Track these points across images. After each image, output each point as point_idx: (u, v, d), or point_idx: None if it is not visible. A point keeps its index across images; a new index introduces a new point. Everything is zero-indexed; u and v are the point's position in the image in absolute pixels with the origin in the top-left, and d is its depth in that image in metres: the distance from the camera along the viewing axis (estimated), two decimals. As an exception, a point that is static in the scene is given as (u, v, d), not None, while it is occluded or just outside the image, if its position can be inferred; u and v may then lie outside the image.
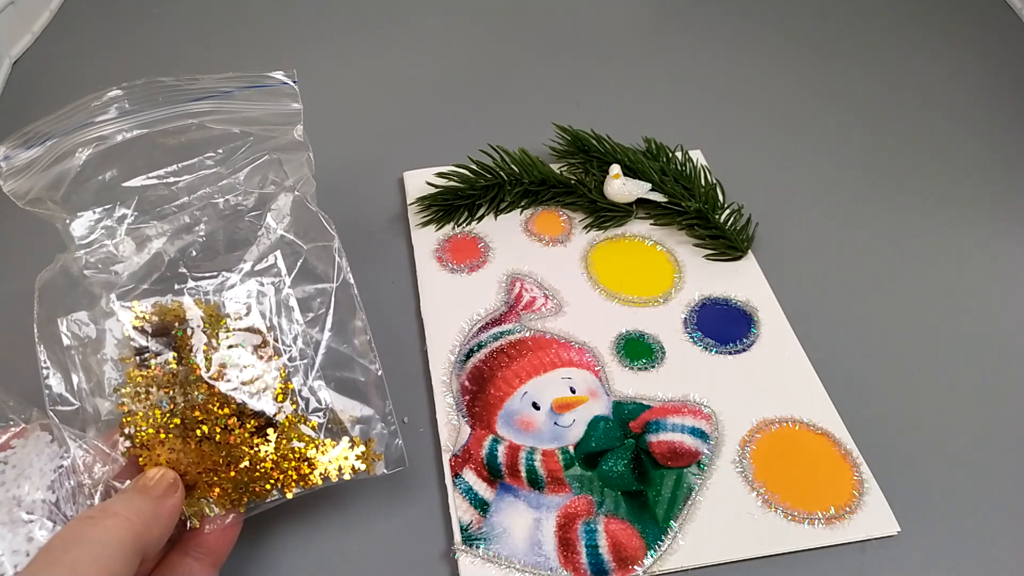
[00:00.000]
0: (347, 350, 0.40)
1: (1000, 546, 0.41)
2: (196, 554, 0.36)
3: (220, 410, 0.37)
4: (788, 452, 0.44)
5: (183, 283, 0.39)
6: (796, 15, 0.80)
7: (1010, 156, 0.64)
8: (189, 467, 0.36)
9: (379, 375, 0.40)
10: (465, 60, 0.73)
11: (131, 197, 0.40)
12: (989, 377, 0.49)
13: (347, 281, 0.41)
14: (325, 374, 0.39)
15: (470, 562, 0.40)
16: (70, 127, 0.39)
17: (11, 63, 0.71)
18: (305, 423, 0.38)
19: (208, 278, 0.39)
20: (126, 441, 0.36)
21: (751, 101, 0.69)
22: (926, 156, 0.64)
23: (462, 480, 0.43)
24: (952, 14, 0.80)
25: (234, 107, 0.41)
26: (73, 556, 0.29)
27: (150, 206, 0.40)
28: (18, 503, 0.35)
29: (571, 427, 0.45)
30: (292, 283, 0.41)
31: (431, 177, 0.58)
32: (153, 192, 0.40)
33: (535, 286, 0.52)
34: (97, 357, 0.38)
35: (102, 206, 0.40)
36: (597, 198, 0.56)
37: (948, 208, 0.59)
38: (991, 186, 0.61)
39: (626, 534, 0.41)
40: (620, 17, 0.80)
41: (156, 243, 0.40)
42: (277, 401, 0.38)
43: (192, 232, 0.40)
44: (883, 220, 0.58)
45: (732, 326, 0.50)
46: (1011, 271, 0.55)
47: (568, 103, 0.69)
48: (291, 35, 0.76)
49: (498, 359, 0.48)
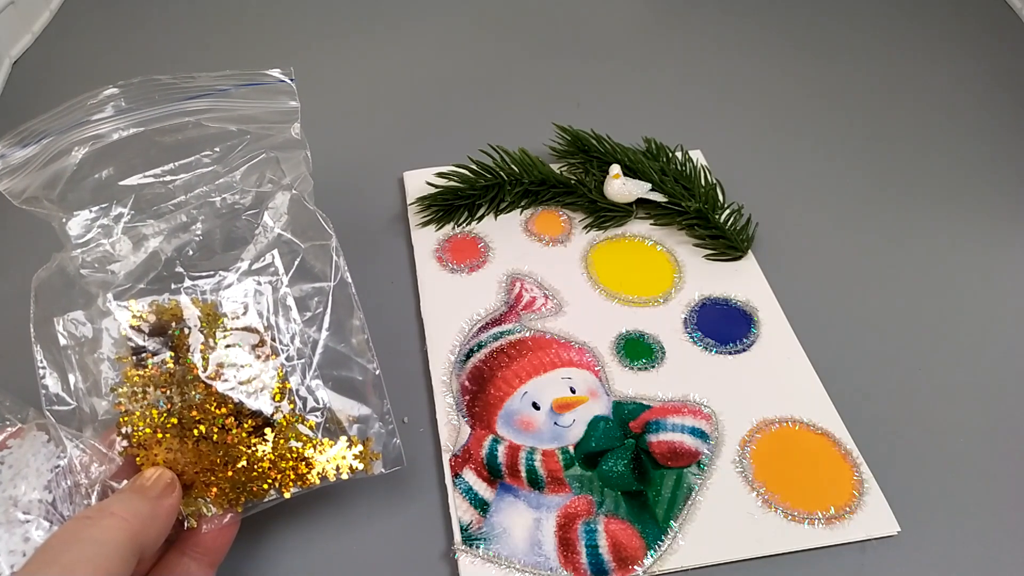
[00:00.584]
0: (345, 349, 0.40)
1: (1000, 546, 0.41)
2: (193, 554, 0.36)
3: (217, 410, 0.36)
4: (788, 452, 0.44)
5: (180, 282, 0.39)
6: (796, 15, 0.80)
7: (1010, 156, 0.64)
8: (186, 467, 0.36)
9: (377, 374, 0.40)
10: (465, 60, 0.73)
11: (127, 196, 0.40)
12: (989, 377, 0.49)
13: (345, 280, 0.41)
14: (323, 373, 0.39)
15: (470, 562, 0.40)
16: (66, 125, 0.38)
17: (11, 63, 0.71)
18: (303, 423, 0.38)
19: (205, 277, 0.39)
20: (123, 441, 0.36)
21: (751, 101, 0.69)
22: (926, 156, 0.64)
23: (462, 480, 0.43)
24: (952, 14, 0.80)
25: (231, 105, 0.41)
26: (70, 556, 0.29)
27: (147, 205, 0.40)
28: (15, 503, 0.35)
29: (571, 427, 0.45)
30: (290, 282, 0.40)
31: (431, 177, 0.57)
32: (150, 191, 0.40)
33: (535, 286, 0.52)
34: (94, 357, 0.37)
35: (98, 205, 0.40)
36: (597, 198, 0.56)
37: (948, 208, 0.59)
38: (991, 186, 0.61)
39: (626, 534, 0.41)
40: (620, 17, 0.80)
41: (153, 242, 0.39)
42: (274, 400, 0.37)
43: (189, 231, 0.40)
44: (883, 220, 0.58)
45: (732, 326, 0.50)
46: (1011, 271, 0.55)
47: (568, 103, 0.68)
48: (291, 35, 0.76)
49: (498, 359, 0.48)
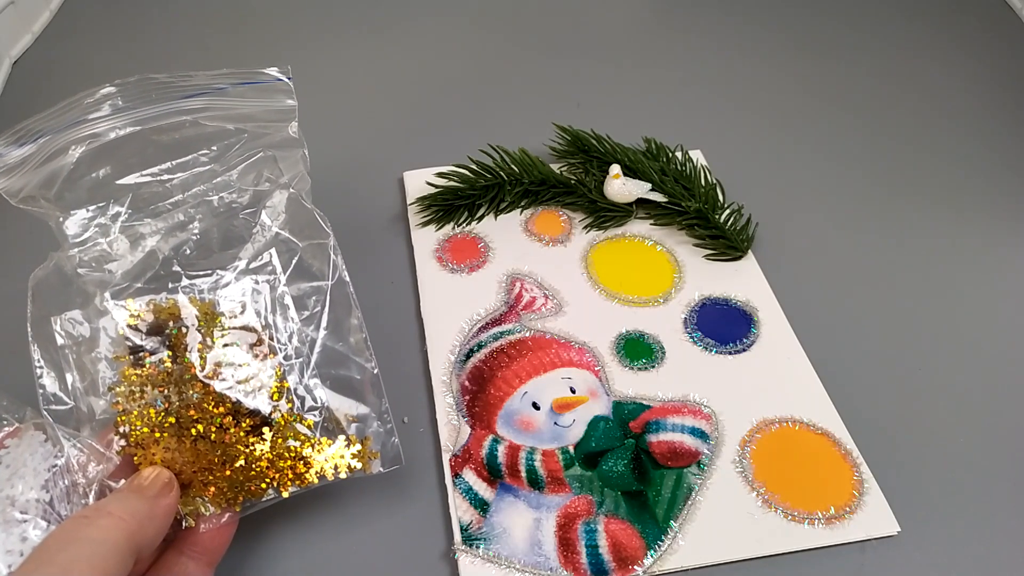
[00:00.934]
0: (342, 348, 0.40)
1: (1000, 546, 0.41)
2: (191, 553, 0.35)
3: (215, 409, 0.36)
4: (788, 452, 0.44)
5: (178, 281, 0.39)
6: (796, 15, 0.80)
7: (1010, 156, 0.64)
8: (184, 466, 0.36)
9: (375, 373, 0.40)
10: (465, 60, 0.73)
11: (125, 195, 0.40)
12: (989, 377, 0.48)
13: (343, 279, 0.41)
14: (321, 372, 0.39)
15: (470, 562, 0.39)
16: (63, 124, 0.38)
17: (11, 63, 0.71)
18: (301, 422, 0.37)
19: (202, 276, 0.39)
20: (121, 440, 0.36)
21: (751, 101, 0.69)
22: (926, 156, 0.64)
23: (462, 480, 0.42)
24: (952, 14, 0.80)
25: (228, 104, 0.41)
26: (67, 556, 0.29)
27: (144, 204, 0.40)
28: (12, 503, 0.34)
29: (571, 427, 0.45)
30: (287, 281, 0.40)
31: (431, 177, 0.57)
32: (147, 189, 0.40)
33: (535, 286, 0.52)
34: (91, 356, 0.37)
35: (95, 204, 0.39)
36: (597, 198, 0.56)
37: (948, 208, 0.59)
38: (991, 186, 0.61)
39: (626, 534, 0.40)
40: (620, 17, 0.80)
41: (150, 241, 0.39)
42: (272, 400, 0.37)
43: (186, 230, 0.40)
44: (883, 220, 0.58)
45: (732, 326, 0.50)
46: (1011, 271, 0.55)
47: (568, 103, 0.68)
48: (292, 35, 0.76)
49: (498, 359, 0.48)
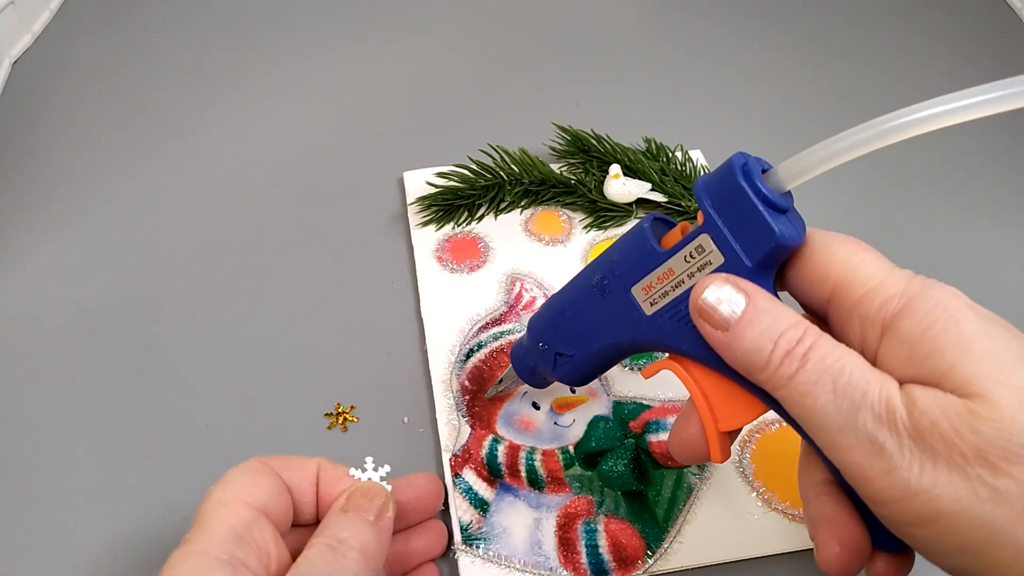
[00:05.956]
0: None
1: (1000, 546, 0.41)
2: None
3: None
4: (788, 452, 0.44)
5: None
6: (797, 15, 0.80)
7: (1010, 156, 0.64)
8: None
9: None
10: (465, 60, 0.73)
11: None
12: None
13: None
14: None
15: (470, 562, 0.40)
16: None
17: (11, 63, 0.71)
18: None
19: None
20: None
21: (751, 101, 0.69)
22: (926, 156, 0.64)
23: (462, 480, 0.43)
24: (952, 14, 0.80)
25: None
26: None
27: None
28: None
29: (571, 427, 0.45)
30: None
31: (431, 177, 0.57)
32: None
33: (535, 286, 0.52)
34: None
35: None
36: (597, 198, 0.56)
37: (949, 208, 0.59)
38: (991, 186, 0.61)
39: (626, 534, 0.41)
40: (620, 17, 0.80)
41: None
42: None
43: None
44: (883, 220, 0.58)
45: (732, 326, 0.50)
46: (1011, 270, 0.55)
47: (568, 103, 0.68)
48: (292, 35, 0.76)
49: (498, 359, 0.48)
